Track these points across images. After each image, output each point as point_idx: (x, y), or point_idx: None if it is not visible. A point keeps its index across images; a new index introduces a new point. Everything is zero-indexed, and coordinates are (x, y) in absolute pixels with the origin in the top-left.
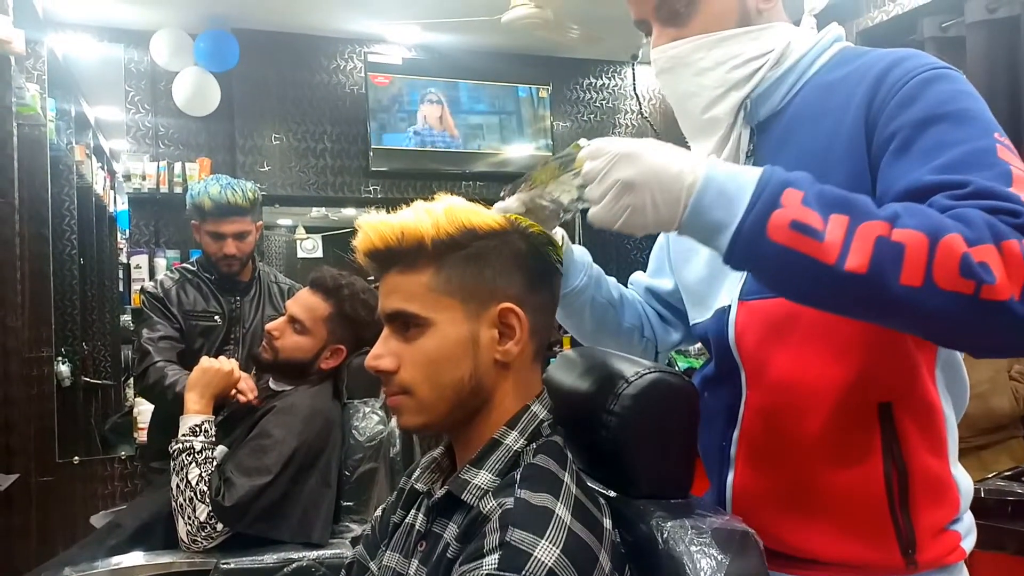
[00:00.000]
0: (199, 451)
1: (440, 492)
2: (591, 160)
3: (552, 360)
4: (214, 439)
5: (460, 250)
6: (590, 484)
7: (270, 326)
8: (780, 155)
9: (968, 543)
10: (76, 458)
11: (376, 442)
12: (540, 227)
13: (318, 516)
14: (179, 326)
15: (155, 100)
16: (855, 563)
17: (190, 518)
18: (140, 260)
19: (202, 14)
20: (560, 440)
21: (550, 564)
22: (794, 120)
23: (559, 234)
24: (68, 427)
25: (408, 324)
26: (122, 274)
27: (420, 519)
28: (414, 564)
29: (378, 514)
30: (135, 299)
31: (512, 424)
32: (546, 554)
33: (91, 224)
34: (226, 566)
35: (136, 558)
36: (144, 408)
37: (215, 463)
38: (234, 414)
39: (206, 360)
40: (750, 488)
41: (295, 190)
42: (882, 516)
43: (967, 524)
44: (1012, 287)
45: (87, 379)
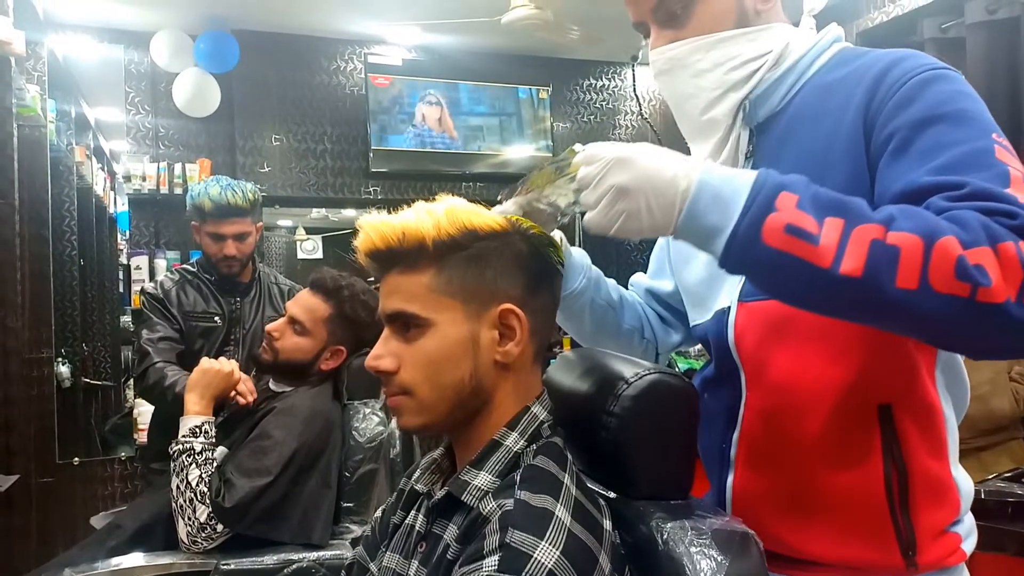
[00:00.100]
0: (199, 452)
1: (440, 493)
2: (586, 165)
3: (552, 361)
4: (214, 440)
5: (461, 251)
6: (590, 485)
7: (270, 327)
8: (779, 156)
9: (969, 545)
10: (76, 459)
11: (376, 443)
12: (540, 228)
13: (318, 517)
14: (179, 327)
15: (155, 101)
16: (855, 565)
17: (190, 519)
18: (140, 261)
19: (202, 15)
20: (560, 441)
21: (550, 566)
22: (793, 121)
23: (557, 237)
24: (68, 428)
25: (408, 325)
26: (122, 275)
27: (420, 520)
28: (414, 565)
29: (378, 515)
30: (135, 300)
31: (512, 425)
32: (546, 555)
33: (91, 225)
34: (226, 567)
35: (136, 559)
36: (144, 409)
37: (215, 464)
38: (234, 415)
39: (206, 361)
40: (750, 489)
41: (295, 191)
42: (882, 518)
43: (968, 526)
44: (1008, 289)
45: (87, 380)
